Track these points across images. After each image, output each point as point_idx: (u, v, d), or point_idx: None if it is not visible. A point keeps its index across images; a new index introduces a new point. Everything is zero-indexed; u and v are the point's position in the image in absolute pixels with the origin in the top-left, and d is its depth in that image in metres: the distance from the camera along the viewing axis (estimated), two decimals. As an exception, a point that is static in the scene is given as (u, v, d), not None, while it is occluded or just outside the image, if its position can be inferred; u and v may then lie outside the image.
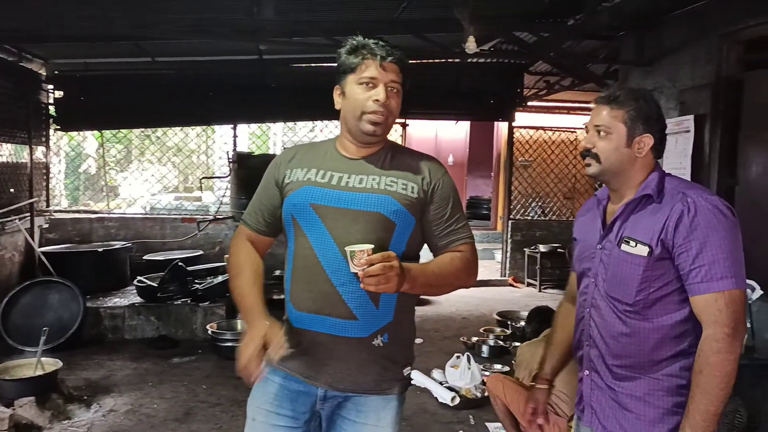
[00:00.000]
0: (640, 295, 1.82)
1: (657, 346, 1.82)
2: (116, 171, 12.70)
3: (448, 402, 4.52)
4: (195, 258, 7.33)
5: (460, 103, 8.80)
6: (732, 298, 1.70)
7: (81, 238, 7.64)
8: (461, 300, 8.16)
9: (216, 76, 8.01)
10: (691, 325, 1.80)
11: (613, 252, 1.89)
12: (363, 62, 1.82)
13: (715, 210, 1.75)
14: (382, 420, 1.92)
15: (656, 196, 1.84)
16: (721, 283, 1.70)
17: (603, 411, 1.94)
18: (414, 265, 1.78)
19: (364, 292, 1.79)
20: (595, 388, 1.97)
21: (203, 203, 10.43)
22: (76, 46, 6.84)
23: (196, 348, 5.84)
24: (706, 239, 1.72)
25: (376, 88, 1.82)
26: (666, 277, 1.80)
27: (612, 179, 1.93)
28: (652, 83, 5.45)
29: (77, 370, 5.11)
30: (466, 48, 4.76)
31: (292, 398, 1.93)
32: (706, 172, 4.74)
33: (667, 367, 1.83)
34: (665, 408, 1.83)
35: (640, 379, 1.86)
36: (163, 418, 4.30)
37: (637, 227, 1.85)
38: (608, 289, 1.90)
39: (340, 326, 1.84)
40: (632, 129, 1.88)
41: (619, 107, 1.88)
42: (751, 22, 4.39)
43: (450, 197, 1.93)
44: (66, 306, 5.73)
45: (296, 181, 1.91)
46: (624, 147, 1.88)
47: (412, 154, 1.99)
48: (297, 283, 1.90)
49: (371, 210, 1.82)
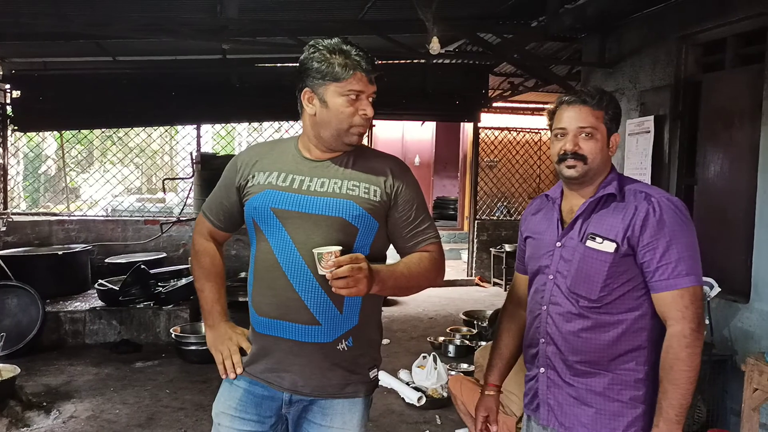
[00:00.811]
0: (604, 290, 1.85)
1: (616, 341, 1.86)
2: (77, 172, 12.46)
3: (414, 402, 4.53)
4: (158, 260, 7.22)
5: (426, 103, 8.83)
6: (696, 295, 1.77)
7: (40, 241, 7.47)
8: (428, 300, 8.19)
9: (179, 75, 7.91)
10: (647, 320, 1.85)
11: (578, 248, 1.89)
12: (352, 74, 1.76)
13: (678, 210, 1.82)
14: (348, 423, 1.90)
15: (619, 195, 1.88)
16: (686, 279, 1.76)
17: (561, 408, 1.94)
18: (383, 267, 1.77)
19: (326, 297, 1.79)
20: (552, 385, 1.96)
21: (167, 205, 10.30)
22: (34, 45, 6.69)
23: (159, 352, 5.75)
24: (672, 238, 1.78)
25: (361, 101, 1.80)
26: (628, 273, 1.84)
27: (588, 179, 1.92)
28: (614, 85, 5.54)
29: (36, 376, 4.99)
30: (429, 49, 4.77)
31: (257, 403, 1.91)
32: (666, 171, 4.83)
33: (625, 362, 1.86)
34: (623, 402, 1.87)
35: (599, 374, 1.88)
36: (125, 423, 4.22)
37: (601, 224, 1.87)
38: (571, 286, 1.90)
39: (304, 332, 1.82)
40: (610, 129, 1.92)
41: (600, 107, 1.90)
42: (708, 25, 4.50)
43: (414, 198, 1.91)
44: (25, 311, 5.60)
45: (257, 184, 1.88)
46: (605, 147, 1.92)
47: (375, 156, 1.96)
48: (259, 288, 1.89)
49: (333, 215, 1.79)
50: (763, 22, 4.00)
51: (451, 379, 4.01)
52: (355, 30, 6.12)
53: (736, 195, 4.24)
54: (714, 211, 4.45)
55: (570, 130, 1.89)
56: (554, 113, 1.97)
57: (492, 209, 10.44)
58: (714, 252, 4.41)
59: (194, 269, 2.09)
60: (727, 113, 4.35)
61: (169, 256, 7.58)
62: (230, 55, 7.43)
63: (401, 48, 6.50)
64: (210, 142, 10.68)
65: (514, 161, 10.47)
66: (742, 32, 4.29)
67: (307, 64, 1.80)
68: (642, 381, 1.86)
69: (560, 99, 1.96)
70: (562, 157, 1.91)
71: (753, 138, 4.05)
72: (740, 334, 4.01)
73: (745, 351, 3.84)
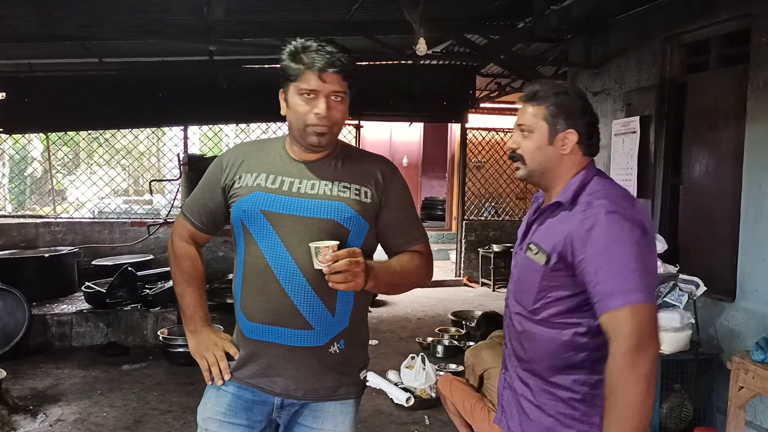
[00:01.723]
0: (538, 303, 1.76)
1: (552, 354, 1.76)
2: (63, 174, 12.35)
3: (403, 403, 4.53)
4: (145, 262, 7.18)
5: (414, 104, 8.85)
6: (635, 313, 1.56)
7: (26, 243, 7.40)
8: (417, 301, 8.20)
9: (166, 77, 7.87)
10: (588, 339, 1.72)
11: (521, 256, 1.85)
12: (303, 73, 1.74)
13: (610, 220, 1.63)
14: (340, 425, 1.90)
15: (569, 203, 1.74)
16: (622, 298, 1.57)
17: (510, 411, 1.91)
18: (377, 263, 1.77)
19: (319, 301, 1.78)
20: (507, 386, 1.94)
21: (154, 206, 10.24)
22: (19, 47, 6.62)
23: (147, 354, 5.72)
24: (604, 254, 1.61)
25: (317, 100, 1.75)
26: (564, 289, 1.72)
27: (540, 180, 1.83)
28: (600, 85, 5.58)
29: (23, 380, 4.95)
30: (416, 50, 4.78)
31: (247, 408, 1.89)
32: (651, 171, 4.87)
33: (560, 377, 1.76)
34: (555, 418, 1.77)
35: (535, 384, 1.81)
36: (112, 426, 4.19)
37: (544, 234, 1.78)
38: (514, 292, 1.88)
39: (297, 337, 1.81)
40: (553, 125, 1.77)
41: (539, 103, 1.78)
42: (692, 26, 4.54)
43: (404, 199, 1.91)
44: (11, 314, 5.55)
45: (245, 186, 1.85)
46: (546, 145, 1.78)
47: (363, 157, 1.95)
48: (248, 293, 1.85)
49: (325, 217, 1.78)
50: (747, 22, 4.04)
51: (440, 380, 4.03)
52: (342, 31, 6.11)
53: (721, 194, 4.28)
54: (699, 210, 4.50)
55: (515, 128, 1.85)
56: None
57: (480, 210, 10.48)
58: (699, 251, 4.45)
59: (174, 274, 2.04)
60: (711, 113, 4.39)
61: (156, 258, 7.53)
62: (217, 57, 7.41)
63: (388, 49, 6.50)
64: (197, 144, 10.63)
65: (501, 162, 10.50)
66: (726, 33, 4.34)
67: (281, 64, 1.81)
68: (578, 401, 1.73)
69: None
70: (510, 157, 1.89)
71: (738, 138, 4.09)
72: (726, 332, 4.04)
73: (731, 349, 3.88)
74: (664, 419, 3.82)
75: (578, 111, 1.79)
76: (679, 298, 3.87)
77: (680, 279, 3.99)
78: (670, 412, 3.83)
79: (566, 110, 1.77)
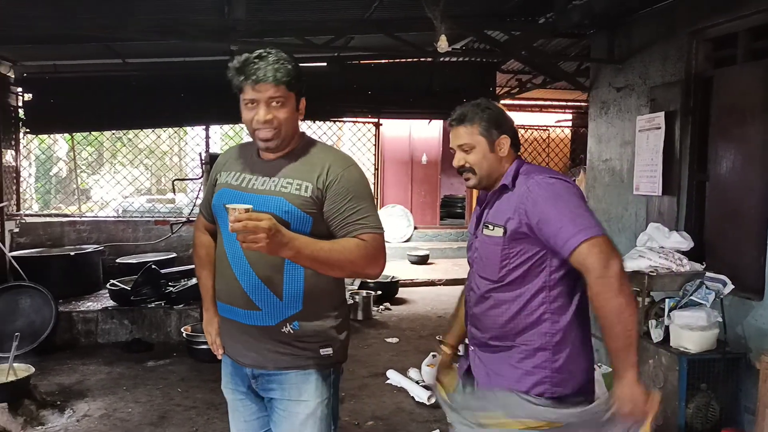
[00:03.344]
0: (502, 271, 2.09)
1: (515, 315, 2.08)
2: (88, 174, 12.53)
3: (424, 401, 4.53)
4: (168, 260, 7.26)
5: (433, 102, 8.79)
6: (595, 243, 1.91)
7: (53, 242, 7.52)
8: (437, 299, 8.19)
9: (187, 76, 7.91)
10: (545, 294, 2.06)
11: (480, 237, 2.18)
12: (244, 85, 1.95)
13: (546, 183, 2.04)
14: (304, 394, 2.05)
15: (511, 185, 2.13)
16: (581, 235, 1.91)
17: (483, 380, 2.19)
18: (301, 236, 1.88)
19: (262, 285, 1.97)
20: (476, 359, 2.24)
21: (176, 205, 10.33)
22: (44, 48, 6.72)
23: (170, 351, 5.78)
24: (554, 207, 1.98)
25: (258, 108, 1.96)
26: (523, 253, 2.07)
27: (488, 182, 2.20)
28: (623, 81, 5.52)
29: (50, 376, 5.03)
30: (437, 47, 4.75)
31: (241, 377, 2.16)
32: (677, 167, 4.80)
33: (527, 335, 2.08)
34: (527, 370, 2.07)
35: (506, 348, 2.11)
36: (137, 422, 4.24)
37: (495, 213, 2.14)
38: (479, 270, 2.18)
39: (246, 316, 2.02)
40: (489, 136, 2.16)
41: (471, 123, 2.16)
42: (719, 20, 4.46)
43: (348, 191, 1.99)
44: (38, 311, 5.64)
45: (220, 183, 2.12)
46: (489, 153, 2.17)
47: (319, 152, 2.07)
48: (216, 277, 2.14)
49: (265, 210, 1.88)
50: (774, 16, 3.96)
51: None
52: (362, 29, 6.12)
53: (748, 191, 4.20)
54: (726, 207, 4.42)
55: (455, 148, 2.21)
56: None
57: (501, 207, 10.39)
58: (726, 249, 4.38)
59: (194, 260, 2.37)
60: (739, 109, 4.31)
61: (179, 256, 7.61)
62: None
63: (408, 47, 6.49)
64: (219, 143, 10.71)
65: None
66: (754, 26, 4.25)
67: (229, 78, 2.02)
68: (543, 348, 2.05)
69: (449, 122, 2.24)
70: (459, 172, 2.23)
71: (766, 133, 4.01)
72: (754, 331, 3.97)
73: (759, 349, 3.81)
74: (691, 419, 3.77)
75: (503, 118, 2.20)
76: (705, 297, 3.82)
77: (707, 277, 3.94)
78: (696, 412, 3.77)
79: (494, 121, 2.18)
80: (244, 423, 2.20)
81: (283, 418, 2.06)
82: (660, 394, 1.94)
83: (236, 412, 2.22)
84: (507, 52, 6.69)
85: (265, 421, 2.17)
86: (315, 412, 2.05)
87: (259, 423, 2.18)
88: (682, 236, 4.24)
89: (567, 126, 12.66)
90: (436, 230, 11.80)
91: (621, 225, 5.48)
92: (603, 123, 5.89)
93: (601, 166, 5.93)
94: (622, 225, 5.47)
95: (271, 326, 2.00)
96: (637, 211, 5.29)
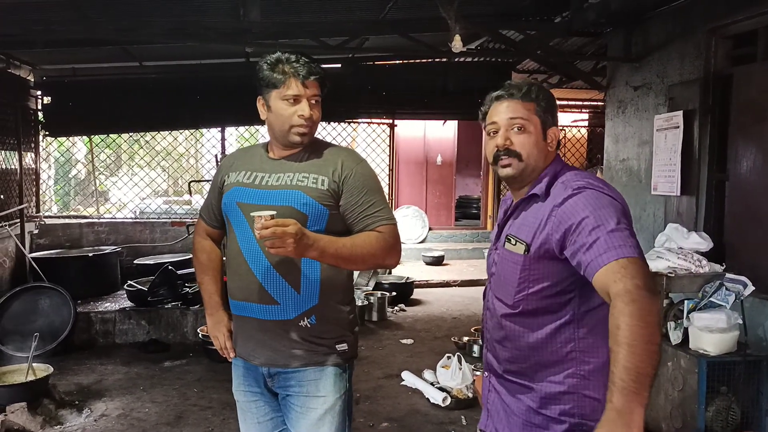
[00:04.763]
0: (518, 295, 1.74)
1: (536, 350, 1.74)
2: (106, 176, 12.64)
3: (439, 402, 4.51)
4: (185, 261, 7.27)
5: (448, 102, 8.79)
6: (630, 263, 1.51)
7: (71, 243, 7.60)
8: (451, 300, 8.16)
9: (203, 79, 7.97)
10: (572, 330, 1.71)
11: (500, 251, 1.83)
12: (286, 80, 1.98)
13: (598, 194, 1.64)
14: (322, 389, 2.06)
15: (543, 196, 1.73)
16: (615, 252, 1.52)
17: (498, 414, 1.90)
18: (324, 236, 1.90)
19: (281, 278, 2.00)
20: (492, 390, 1.92)
21: (193, 207, 10.40)
22: (63, 52, 6.80)
23: (187, 351, 5.81)
24: (593, 215, 1.58)
25: (300, 104, 2.00)
26: (546, 278, 1.70)
27: (528, 176, 1.80)
28: (641, 79, 5.47)
29: (68, 375, 5.07)
30: (452, 47, 4.74)
31: (255, 377, 2.15)
32: (696, 167, 4.75)
33: (551, 374, 1.73)
34: (550, 416, 1.74)
35: (525, 385, 1.79)
36: (154, 422, 4.27)
37: (520, 225, 1.77)
38: (495, 290, 1.84)
39: (265, 311, 2.03)
40: (545, 122, 1.79)
41: (530, 99, 1.77)
42: (738, 17, 4.41)
43: (364, 185, 2.04)
44: (57, 311, 5.69)
45: (229, 183, 2.13)
46: (541, 140, 1.78)
47: (329, 149, 2.13)
48: (230, 275, 2.13)
49: (283, 204, 1.97)
50: (795, 12, 3.91)
51: (478, 380, 3.99)
52: (377, 30, 6.11)
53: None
54: (746, 207, 4.36)
55: (501, 124, 1.78)
56: (486, 113, 1.85)
57: (517, 208, 10.34)
58: (747, 249, 4.32)
59: (194, 266, 2.38)
60: (759, 107, 4.25)
61: (195, 257, 7.64)
62: (253, 58, 7.47)
63: (423, 47, 6.48)
64: (234, 145, 10.76)
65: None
66: (773, 24, 4.20)
67: (258, 75, 2.05)
68: (570, 394, 1.71)
69: (489, 96, 1.87)
70: (496, 156, 1.80)
71: (786, 132, 3.95)
72: (774, 332, 3.92)
73: (779, 350, 3.75)
74: (710, 422, 3.71)
75: (556, 109, 1.85)
76: (725, 298, 3.76)
77: (727, 278, 3.88)
78: (716, 415, 3.72)
79: (552, 108, 1.81)
80: (257, 425, 2.20)
81: (301, 414, 2.07)
82: None
83: (248, 413, 2.22)
84: (522, 51, 6.67)
85: (278, 422, 2.17)
86: (334, 407, 2.07)
87: (273, 423, 2.18)
88: (701, 237, 4.18)
89: (583, 126, 12.57)
90: (451, 231, 11.75)
91: (639, 225, 5.43)
92: (620, 122, 5.84)
93: (618, 166, 5.88)
94: (640, 225, 5.42)
95: (289, 320, 2.02)
96: (655, 211, 5.24)
